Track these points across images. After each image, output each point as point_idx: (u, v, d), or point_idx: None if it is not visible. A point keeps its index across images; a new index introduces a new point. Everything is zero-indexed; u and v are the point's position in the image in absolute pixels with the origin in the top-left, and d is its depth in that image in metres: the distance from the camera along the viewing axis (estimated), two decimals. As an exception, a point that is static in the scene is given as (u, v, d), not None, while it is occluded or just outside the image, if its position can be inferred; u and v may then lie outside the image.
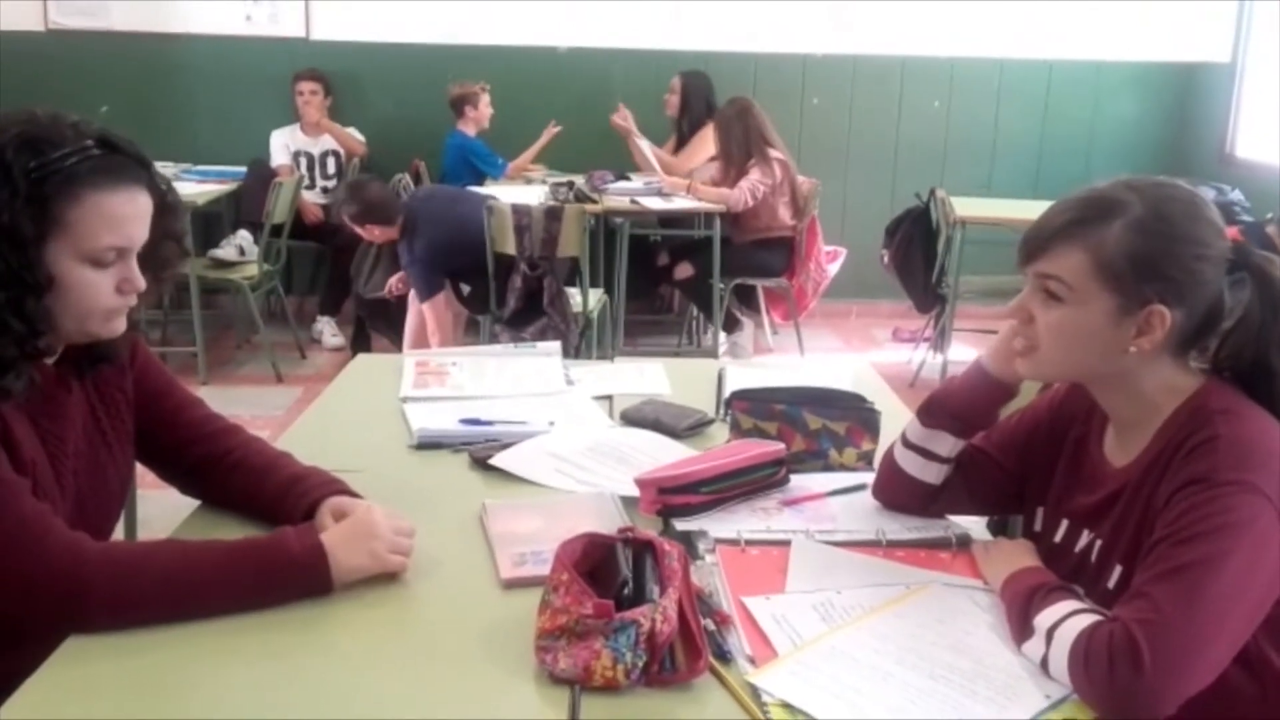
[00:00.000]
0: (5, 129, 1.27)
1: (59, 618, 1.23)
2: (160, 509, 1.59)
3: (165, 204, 1.40)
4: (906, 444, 1.55)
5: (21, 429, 1.32)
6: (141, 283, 1.36)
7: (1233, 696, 1.22)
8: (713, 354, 5.27)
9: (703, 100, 5.72)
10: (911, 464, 1.54)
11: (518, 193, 5.05)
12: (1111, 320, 1.28)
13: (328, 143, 5.90)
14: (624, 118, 5.64)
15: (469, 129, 5.82)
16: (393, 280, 4.75)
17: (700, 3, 6.16)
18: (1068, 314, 1.30)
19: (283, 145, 5.84)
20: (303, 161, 5.87)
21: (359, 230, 4.58)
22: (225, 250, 5.25)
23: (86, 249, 1.30)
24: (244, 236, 5.30)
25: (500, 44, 6.09)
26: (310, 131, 5.87)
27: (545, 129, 5.86)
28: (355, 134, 5.95)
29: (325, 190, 5.88)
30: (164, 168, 5.55)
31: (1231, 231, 3.94)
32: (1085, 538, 1.38)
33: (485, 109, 5.83)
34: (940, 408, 1.51)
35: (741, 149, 5.15)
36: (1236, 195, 5.43)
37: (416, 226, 4.47)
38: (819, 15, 6.21)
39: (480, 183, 5.55)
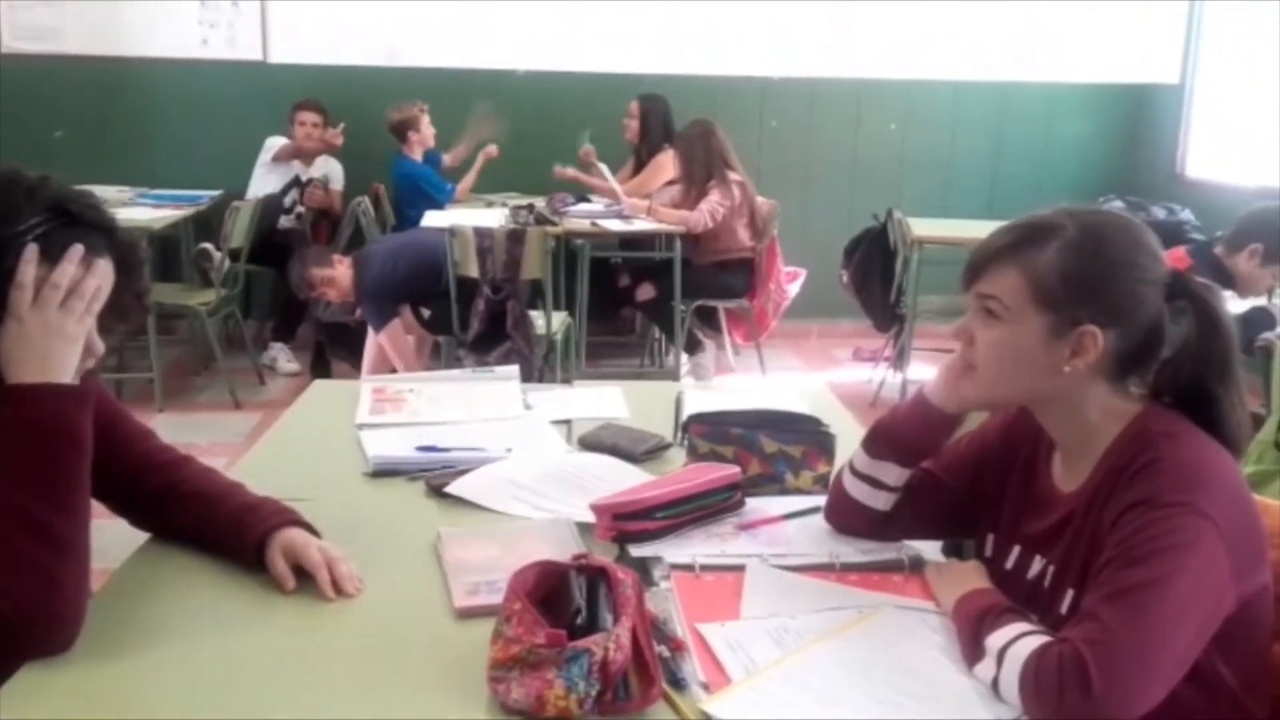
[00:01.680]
0: None
1: None
2: (113, 540, 1.56)
3: (127, 263, 1.37)
4: (854, 472, 1.56)
5: None
6: (101, 348, 1.35)
7: (1186, 713, 1.23)
8: (675, 375, 5.29)
9: (660, 125, 5.74)
10: (860, 491, 1.55)
11: (479, 216, 5.05)
12: (1044, 340, 1.31)
13: (314, 171, 5.89)
14: (587, 154, 5.67)
15: (414, 153, 5.79)
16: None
17: (659, 26, 6.20)
18: (1004, 333, 1.34)
19: (268, 170, 5.76)
20: (293, 189, 5.83)
21: (325, 290, 4.59)
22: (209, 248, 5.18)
23: None
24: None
25: (458, 67, 6.10)
26: (305, 160, 5.83)
27: (481, 152, 5.85)
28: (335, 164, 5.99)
29: (299, 217, 5.86)
30: (120, 192, 5.56)
31: (1179, 251, 3.97)
32: (1037, 564, 1.39)
33: (428, 129, 5.79)
34: (885, 437, 1.52)
35: (703, 170, 5.18)
36: (1187, 215, 5.53)
37: (367, 261, 4.50)
38: (777, 40, 6.28)
39: (433, 207, 5.54)
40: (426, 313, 4.66)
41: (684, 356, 5.45)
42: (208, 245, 5.13)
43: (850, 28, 6.27)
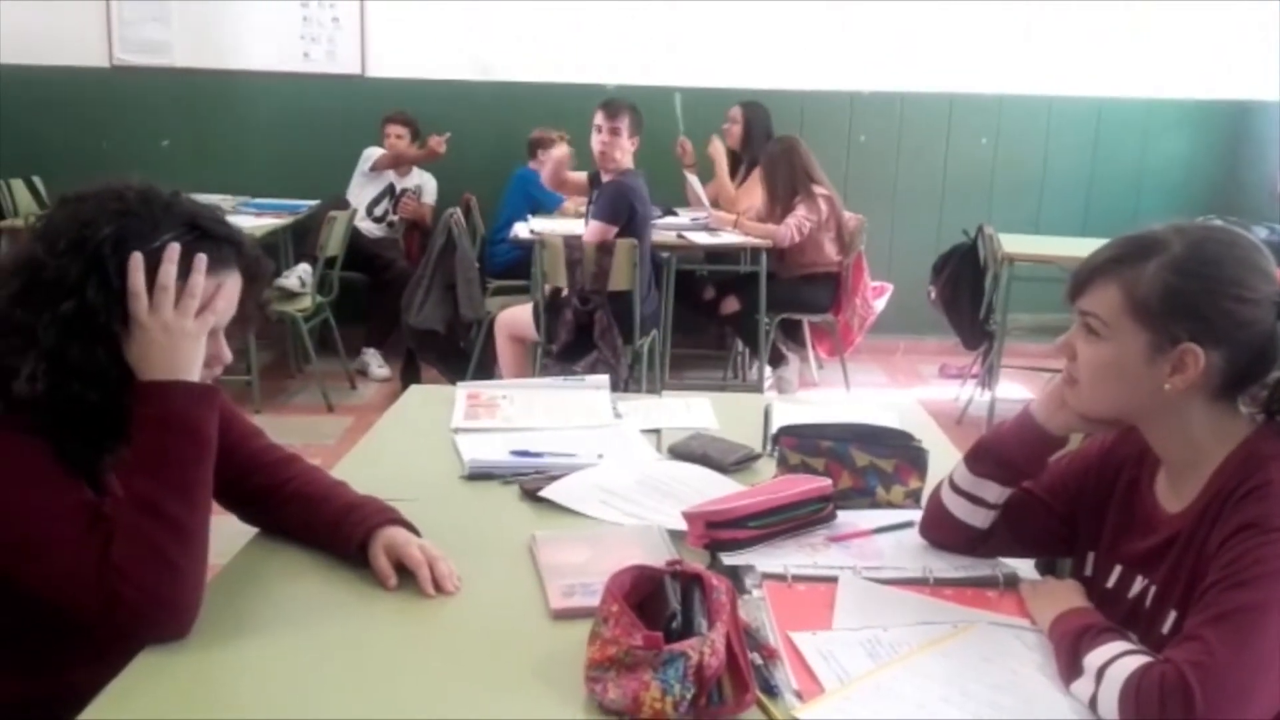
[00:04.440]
0: (101, 221, 1.31)
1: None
2: (220, 535, 1.61)
3: (253, 274, 1.44)
4: (954, 488, 1.55)
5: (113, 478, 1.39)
6: (228, 357, 1.42)
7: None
8: (758, 389, 5.28)
9: (764, 131, 5.70)
10: (959, 508, 1.54)
11: (568, 226, 5.10)
12: (1145, 357, 1.30)
13: (408, 182, 6.04)
14: (684, 150, 5.68)
15: (537, 169, 5.89)
16: None
17: (748, 40, 6.21)
18: (1104, 350, 1.33)
19: (365, 179, 5.94)
20: (385, 198, 5.99)
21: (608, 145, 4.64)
22: (290, 280, 5.35)
23: None
24: (303, 269, 5.39)
25: (550, 81, 6.18)
26: (400, 170, 6.00)
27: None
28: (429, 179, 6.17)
29: (391, 225, 5.99)
30: (222, 200, 5.72)
31: (1283, 272, 3.83)
32: (1139, 584, 1.38)
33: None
34: (988, 455, 1.51)
35: (787, 186, 5.18)
36: (1289, 235, 5.36)
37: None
38: (867, 52, 6.25)
39: (533, 214, 5.63)
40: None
41: (767, 370, 5.45)
42: (283, 282, 5.30)
43: (941, 41, 6.21)
